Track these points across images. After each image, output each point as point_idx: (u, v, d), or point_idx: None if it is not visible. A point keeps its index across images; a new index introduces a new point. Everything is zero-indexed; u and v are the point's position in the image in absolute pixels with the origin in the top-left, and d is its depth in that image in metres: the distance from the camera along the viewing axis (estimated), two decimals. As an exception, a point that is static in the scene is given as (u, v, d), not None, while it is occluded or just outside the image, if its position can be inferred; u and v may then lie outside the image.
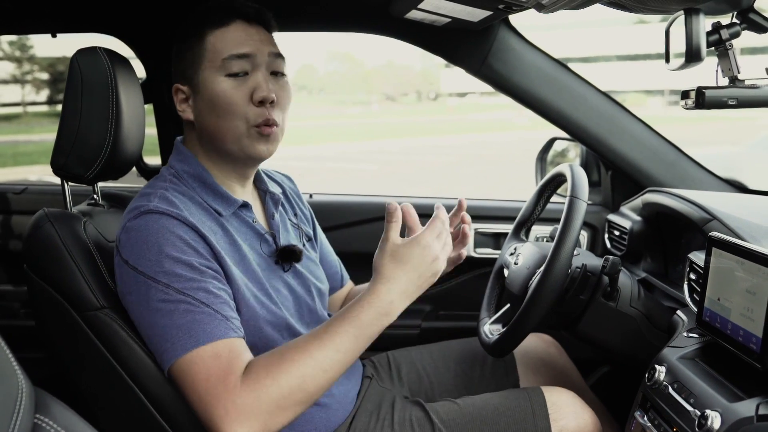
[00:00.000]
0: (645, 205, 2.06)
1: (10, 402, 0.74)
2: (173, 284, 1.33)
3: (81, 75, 1.58)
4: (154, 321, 1.35)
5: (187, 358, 1.30)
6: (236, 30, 1.50)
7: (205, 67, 1.49)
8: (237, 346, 1.34)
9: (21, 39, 21.02)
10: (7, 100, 23.47)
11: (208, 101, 1.49)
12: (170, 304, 1.33)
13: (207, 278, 1.36)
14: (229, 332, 1.33)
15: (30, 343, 1.87)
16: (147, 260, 1.36)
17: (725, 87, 1.39)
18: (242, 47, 1.49)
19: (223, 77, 1.48)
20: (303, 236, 1.74)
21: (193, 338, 1.31)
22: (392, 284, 1.37)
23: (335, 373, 1.34)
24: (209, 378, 1.28)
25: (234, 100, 1.47)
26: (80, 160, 1.59)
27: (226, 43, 1.49)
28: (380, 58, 54.49)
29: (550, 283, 1.57)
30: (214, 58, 1.48)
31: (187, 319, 1.32)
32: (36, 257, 1.49)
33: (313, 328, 1.40)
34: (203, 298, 1.34)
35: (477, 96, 35.18)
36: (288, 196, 1.79)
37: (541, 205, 1.94)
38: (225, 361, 1.30)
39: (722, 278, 1.38)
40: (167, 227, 1.38)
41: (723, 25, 1.39)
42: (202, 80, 1.50)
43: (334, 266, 1.92)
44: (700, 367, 1.40)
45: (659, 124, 2.47)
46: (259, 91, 1.48)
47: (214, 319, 1.33)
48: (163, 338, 1.33)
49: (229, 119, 1.48)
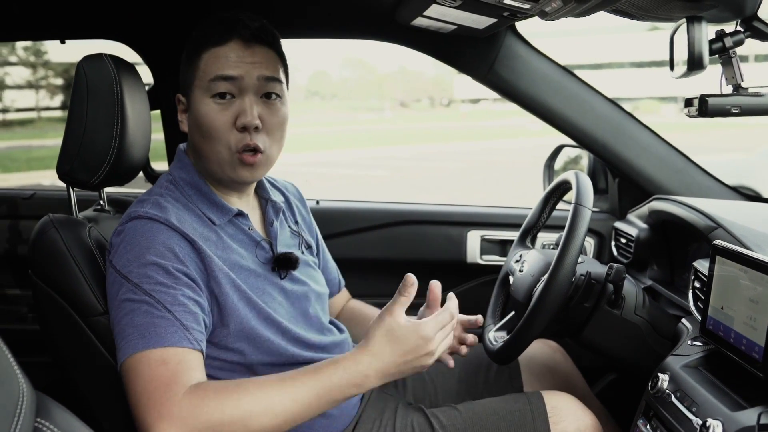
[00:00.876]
0: (651, 212, 2.06)
1: (10, 405, 0.75)
2: (142, 284, 1.34)
3: (86, 81, 1.59)
4: (116, 317, 1.35)
5: (136, 358, 1.29)
6: (231, 50, 1.47)
7: (196, 86, 1.49)
8: (189, 358, 1.31)
9: (35, 45, 21.16)
10: (22, 105, 23.64)
11: (194, 120, 1.50)
12: (134, 303, 1.33)
13: (179, 285, 1.36)
14: (184, 342, 1.32)
15: (37, 348, 1.88)
16: (125, 260, 1.37)
17: (729, 95, 1.38)
18: (229, 69, 1.46)
19: (209, 98, 1.47)
20: (303, 244, 1.73)
21: (145, 340, 1.30)
22: (375, 360, 1.34)
23: (285, 421, 1.29)
24: (151, 381, 1.26)
25: (216, 124, 1.46)
26: (85, 166, 1.60)
27: (216, 63, 1.47)
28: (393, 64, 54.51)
29: (553, 290, 1.57)
30: (203, 77, 1.48)
31: (145, 321, 1.31)
32: (40, 262, 1.50)
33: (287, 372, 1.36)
34: (167, 303, 1.33)
35: (490, 102, 35.14)
36: (290, 203, 1.79)
37: (546, 213, 1.94)
38: (171, 370, 1.28)
39: (726, 287, 1.37)
40: (152, 231, 1.39)
41: (727, 32, 1.39)
42: (192, 99, 1.51)
43: (332, 272, 1.93)
44: (704, 376, 1.39)
45: (673, 131, 2.47)
46: (242, 116, 1.46)
47: (172, 325, 1.32)
48: (120, 335, 1.33)
49: (212, 143, 1.48)
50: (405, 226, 2.44)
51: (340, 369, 1.33)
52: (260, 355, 1.49)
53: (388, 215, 2.49)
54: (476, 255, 2.46)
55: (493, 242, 2.47)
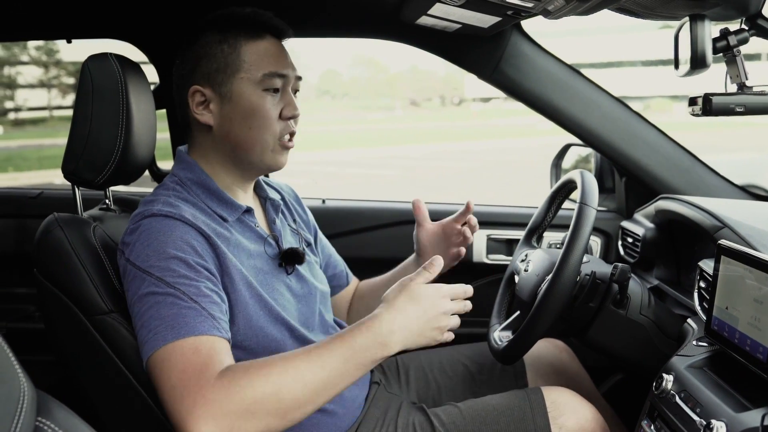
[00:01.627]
0: (657, 212, 2.05)
1: (11, 404, 0.75)
2: (165, 278, 1.34)
3: (92, 81, 1.60)
4: (140, 311, 1.35)
5: (167, 349, 1.28)
6: (270, 45, 1.55)
7: (240, 78, 1.52)
8: (219, 345, 1.31)
9: (47, 44, 21.27)
10: (34, 104, 23.75)
11: (242, 112, 1.52)
12: (158, 296, 1.33)
13: (201, 278, 1.37)
14: (213, 330, 1.32)
15: (43, 346, 1.89)
16: (145, 256, 1.37)
17: (733, 94, 1.37)
18: (281, 66, 1.54)
19: (261, 91, 1.52)
20: (302, 241, 1.75)
21: (175, 330, 1.29)
22: (398, 315, 1.34)
23: (316, 390, 1.29)
24: (185, 370, 1.26)
25: (270, 114, 1.52)
26: (90, 166, 1.60)
27: (264, 58, 1.53)
28: (404, 63, 54.41)
29: (558, 290, 1.56)
30: (252, 70, 1.51)
31: (173, 312, 1.31)
32: (45, 261, 1.51)
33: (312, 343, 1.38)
34: (192, 294, 1.33)
35: (501, 101, 35.04)
36: (287, 202, 1.80)
37: (552, 212, 1.93)
38: (204, 357, 1.27)
39: (731, 287, 1.36)
40: (168, 226, 1.40)
41: (731, 31, 1.38)
42: (236, 90, 1.52)
43: (338, 265, 1.94)
44: (708, 377, 1.38)
45: (684, 130, 2.45)
46: (290, 108, 1.54)
47: (200, 315, 1.32)
48: (145, 328, 1.32)
49: (262, 132, 1.52)
50: (410, 226, 2.44)
51: (363, 329, 1.33)
52: (265, 354, 1.49)
53: (394, 214, 2.49)
54: (482, 254, 2.46)
55: (499, 241, 2.47)
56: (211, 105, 1.53)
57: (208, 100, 1.53)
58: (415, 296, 1.35)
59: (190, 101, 1.54)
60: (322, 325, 1.67)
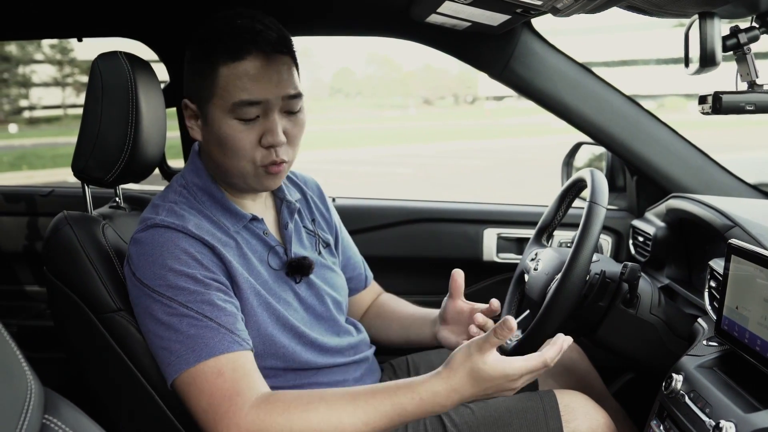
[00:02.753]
0: (668, 211, 2.04)
1: (18, 402, 0.75)
2: (177, 298, 1.34)
3: (101, 79, 1.60)
4: (158, 333, 1.35)
5: (191, 373, 1.30)
6: (252, 66, 1.40)
7: (214, 103, 1.43)
8: (242, 362, 1.32)
9: (62, 42, 21.41)
10: (49, 103, 23.89)
11: (215, 137, 1.45)
12: (174, 317, 1.33)
13: (211, 290, 1.36)
14: (233, 346, 1.32)
15: (55, 344, 1.90)
16: (151, 273, 1.37)
17: (743, 92, 1.36)
18: (254, 92, 1.40)
19: (232, 119, 1.42)
20: (319, 243, 1.71)
21: (195, 353, 1.30)
22: (455, 395, 1.32)
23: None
24: (213, 395, 1.27)
25: (241, 144, 1.42)
26: (100, 164, 1.61)
27: (238, 84, 1.39)
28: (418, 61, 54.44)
29: (567, 289, 1.55)
30: (225, 97, 1.41)
31: (191, 333, 1.32)
32: (55, 259, 1.52)
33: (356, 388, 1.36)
34: (207, 311, 1.33)
35: (514, 99, 34.99)
36: (307, 199, 1.76)
37: (562, 211, 1.92)
38: (229, 379, 1.29)
39: (741, 286, 1.35)
40: (172, 240, 1.39)
41: (741, 28, 1.37)
42: (210, 114, 1.44)
43: (357, 267, 1.90)
44: (718, 377, 1.37)
45: (699, 128, 2.43)
46: (268, 135, 1.42)
47: (218, 333, 1.32)
48: (167, 351, 1.33)
49: (236, 159, 1.45)
50: (421, 224, 2.44)
51: (417, 398, 1.31)
52: (274, 360, 1.50)
53: (404, 213, 2.49)
54: (493, 253, 2.45)
55: (509, 240, 2.46)
56: (199, 120, 1.49)
57: (196, 115, 1.49)
58: (478, 378, 1.31)
59: (185, 113, 1.51)
60: (335, 329, 1.65)
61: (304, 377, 1.55)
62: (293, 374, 1.53)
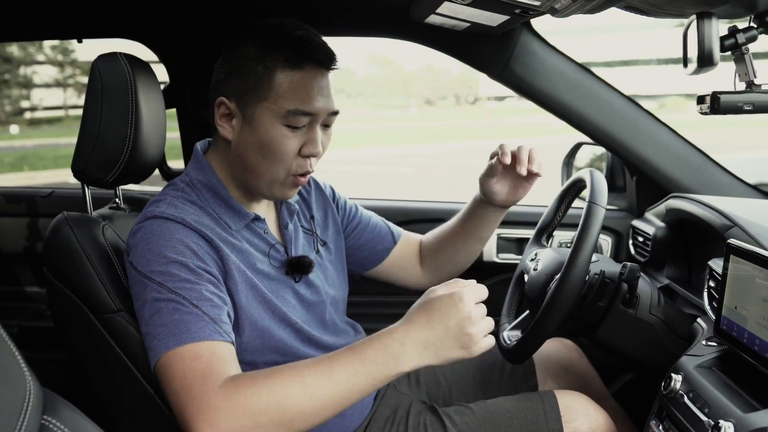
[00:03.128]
0: (668, 211, 2.04)
1: (17, 402, 0.75)
2: (166, 283, 1.34)
3: (101, 80, 1.61)
4: (144, 318, 1.35)
5: (169, 356, 1.29)
6: (309, 78, 1.44)
7: (266, 105, 1.44)
8: (221, 350, 1.31)
9: (63, 43, 21.44)
10: (50, 104, 23.93)
11: (258, 140, 1.46)
12: (161, 302, 1.33)
13: (202, 281, 1.36)
14: (214, 335, 1.32)
15: (55, 344, 1.90)
16: (146, 260, 1.37)
17: (741, 92, 1.36)
18: (310, 104, 1.44)
19: (282, 125, 1.44)
20: (317, 242, 1.72)
21: (176, 337, 1.30)
22: (411, 327, 1.30)
23: (323, 403, 1.25)
24: (186, 377, 1.26)
25: (285, 150, 1.45)
26: (100, 165, 1.61)
27: (296, 93, 1.43)
28: (419, 61, 54.45)
29: (567, 289, 1.55)
30: (279, 102, 1.43)
31: (174, 318, 1.31)
32: (55, 260, 1.52)
33: None
34: (194, 299, 1.33)
35: (515, 100, 35.00)
36: (305, 197, 1.77)
37: (562, 211, 1.92)
38: (204, 363, 1.27)
39: (740, 286, 1.36)
40: (169, 230, 1.39)
41: (739, 29, 1.37)
42: (258, 116, 1.45)
43: (377, 227, 1.90)
44: (717, 377, 1.37)
45: (699, 128, 2.43)
46: (311, 146, 1.47)
47: (201, 320, 1.32)
48: (150, 335, 1.33)
49: (274, 165, 1.47)
50: (421, 224, 2.44)
51: (374, 342, 1.29)
52: (271, 354, 1.49)
53: (404, 213, 2.49)
54: (492, 253, 2.45)
55: (509, 240, 2.47)
56: (234, 120, 1.49)
57: (233, 114, 1.49)
58: (428, 305, 1.31)
59: (215, 110, 1.50)
60: (333, 329, 1.66)
61: None
62: None
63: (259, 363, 1.47)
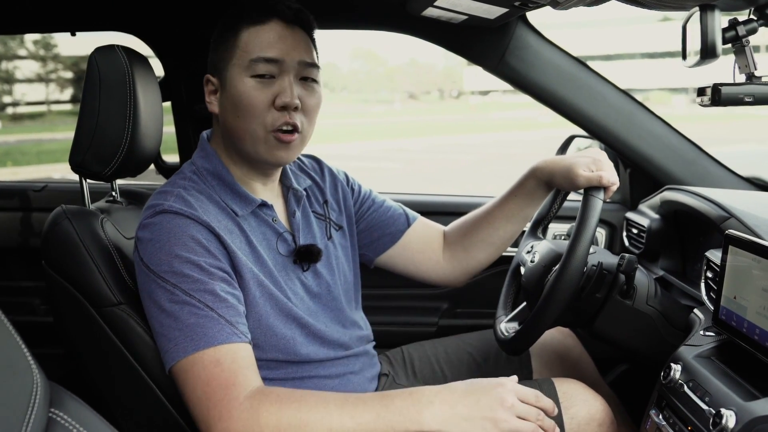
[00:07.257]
0: (663, 203, 2.05)
1: (25, 396, 0.75)
2: (181, 285, 1.34)
3: (99, 73, 1.60)
4: (160, 319, 1.36)
5: (189, 361, 1.31)
6: (271, 30, 1.48)
7: (234, 64, 1.48)
8: (241, 354, 1.33)
9: (45, 38, 21.30)
10: (32, 99, 23.77)
11: (230, 99, 1.49)
12: (176, 305, 1.34)
13: (215, 280, 1.37)
14: (232, 337, 1.33)
15: (49, 339, 1.89)
16: (158, 259, 1.37)
17: (742, 84, 1.37)
18: (271, 50, 1.47)
19: (248, 77, 1.46)
20: (330, 227, 1.72)
21: (194, 342, 1.31)
22: (444, 390, 1.34)
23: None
24: (209, 383, 1.29)
25: (254, 102, 1.46)
26: (98, 158, 1.60)
27: (257, 43, 1.47)
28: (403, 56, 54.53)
29: (565, 281, 1.56)
30: (243, 56, 1.47)
31: (191, 322, 1.33)
32: (54, 253, 1.51)
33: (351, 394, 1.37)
34: (209, 301, 1.34)
35: (500, 94, 35.03)
36: (317, 182, 1.77)
37: (557, 203, 1.93)
38: (227, 369, 1.30)
39: (739, 276, 1.37)
40: (180, 227, 1.39)
41: (740, 21, 1.38)
42: (229, 76, 1.49)
43: (390, 211, 1.88)
44: (716, 366, 1.38)
45: (683, 122, 2.44)
46: (282, 95, 1.46)
47: (218, 323, 1.33)
48: (166, 338, 1.34)
49: (248, 121, 1.47)
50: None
51: (405, 392, 1.34)
52: (274, 352, 1.50)
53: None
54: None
55: None
56: (218, 94, 1.53)
57: (216, 88, 1.53)
58: (473, 382, 1.35)
59: (205, 89, 1.55)
60: (341, 320, 1.66)
61: (304, 370, 1.55)
62: (293, 367, 1.54)
63: (261, 360, 1.47)
